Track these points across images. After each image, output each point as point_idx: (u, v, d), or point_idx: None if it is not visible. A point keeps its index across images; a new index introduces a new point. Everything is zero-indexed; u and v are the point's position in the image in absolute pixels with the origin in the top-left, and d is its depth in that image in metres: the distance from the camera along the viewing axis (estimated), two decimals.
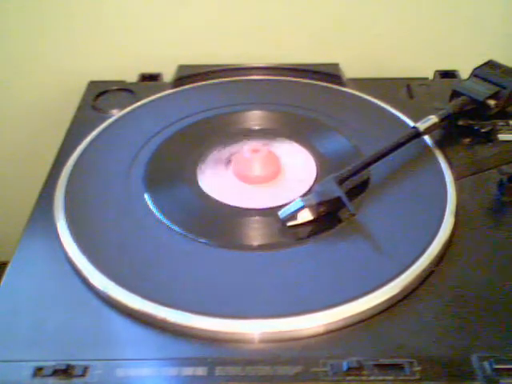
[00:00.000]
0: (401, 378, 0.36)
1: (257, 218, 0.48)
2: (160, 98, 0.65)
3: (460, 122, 0.57)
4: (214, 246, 0.45)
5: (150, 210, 0.49)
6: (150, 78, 0.70)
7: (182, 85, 0.67)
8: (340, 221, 0.47)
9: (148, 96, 0.65)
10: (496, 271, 0.43)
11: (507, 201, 0.49)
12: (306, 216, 0.47)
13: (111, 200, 0.50)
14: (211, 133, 0.59)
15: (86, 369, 0.36)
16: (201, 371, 0.36)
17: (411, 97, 0.64)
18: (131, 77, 0.70)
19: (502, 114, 0.57)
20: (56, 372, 0.36)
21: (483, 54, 0.62)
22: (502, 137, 0.56)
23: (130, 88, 0.67)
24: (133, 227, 0.48)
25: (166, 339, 0.39)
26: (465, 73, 0.62)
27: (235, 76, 0.68)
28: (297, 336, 0.38)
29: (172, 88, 0.67)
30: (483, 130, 0.56)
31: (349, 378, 0.36)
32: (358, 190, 0.50)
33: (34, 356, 0.37)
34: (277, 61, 0.70)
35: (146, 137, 0.58)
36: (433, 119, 0.54)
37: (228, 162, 0.55)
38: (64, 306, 0.41)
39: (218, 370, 0.36)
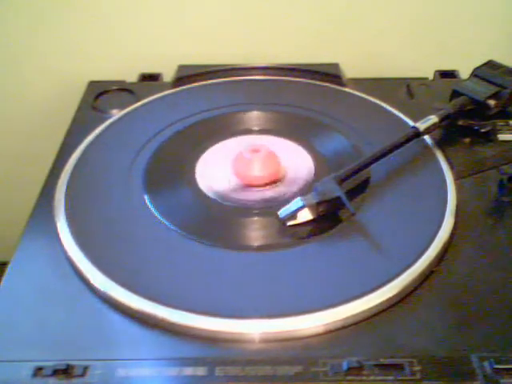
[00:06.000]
0: (401, 378, 0.36)
1: (257, 218, 0.48)
2: (160, 97, 0.65)
3: (460, 122, 0.57)
4: (213, 246, 0.45)
5: (149, 209, 0.49)
6: (150, 78, 0.70)
7: (182, 85, 0.67)
8: (340, 220, 0.47)
9: (148, 96, 0.65)
10: (496, 271, 0.43)
11: (507, 201, 0.49)
12: (305, 215, 0.47)
13: (111, 200, 0.50)
14: (211, 133, 0.59)
15: (85, 369, 0.36)
16: (201, 371, 0.36)
17: (411, 97, 0.64)
18: (131, 77, 0.70)
19: (502, 114, 0.57)
20: (56, 372, 0.36)
21: (483, 53, 0.62)
22: (501, 137, 0.56)
23: (129, 88, 0.67)
24: (133, 227, 0.48)
25: (166, 339, 0.39)
26: (465, 73, 0.62)
27: (235, 76, 0.68)
28: (297, 336, 0.38)
29: (172, 88, 0.67)
30: (483, 130, 0.56)
31: (349, 377, 0.36)
32: (358, 189, 0.50)
33: (34, 356, 0.37)
34: (277, 61, 0.70)
35: (146, 137, 0.58)
36: (433, 119, 0.54)
37: (228, 162, 0.55)
38: (64, 305, 0.41)
39: (218, 370, 0.36)
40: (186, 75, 0.68)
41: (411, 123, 0.56)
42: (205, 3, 0.73)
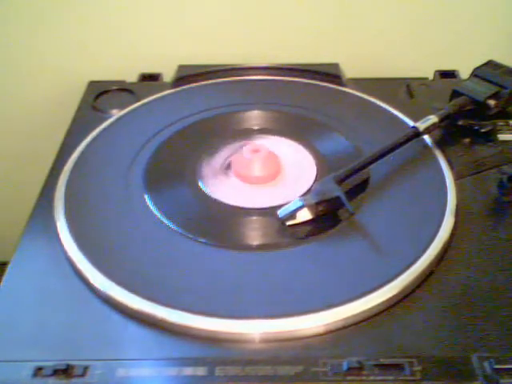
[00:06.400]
0: (401, 378, 0.36)
1: (256, 217, 0.48)
2: (160, 97, 0.65)
3: (460, 122, 0.57)
4: (213, 245, 0.45)
5: (149, 209, 0.49)
6: (150, 78, 0.70)
7: (182, 85, 0.67)
8: (339, 220, 0.47)
9: (148, 96, 0.65)
10: (496, 271, 0.43)
11: (507, 201, 0.49)
12: (305, 215, 0.47)
13: (111, 200, 0.50)
14: (211, 133, 0.59)
15: (85, 369, 0.36)
16: (201, 371, 0.36)
17: (411, 97, 0.64)
18: (131, 77, 0.70)
19: (502, 114, 0.57)
20: (56, 372, 0.36)
21: (483, 53, 0.62)
22: (501, 137, 0.56)
23: (129, 88, 0.67)
24: (133, 227, 0.48)
25: (166, 339, 0.39)
26: (465, 73, 0.62)
27: (235, 76, 0.68)
28: (297, 336, 0.38)
29: (172, 88, 0.67)
30: (483, 130, 0.56)
31: (349, 377, 0.36)
32: (358, 189, 0.50)
33: (34, 356, 0.37)
34: (277, 61, 0.70)
35: (146, 137, 0.58)
36: (433, 119, 0.54)
37: (228, 162, 0.55)
38: (64, 305, 0.41)
39: (218, 370, 0.36)
40: (186, 75, 0.68)
41: (411, 123, 0.56)
42: (205, 3, 0.73)
